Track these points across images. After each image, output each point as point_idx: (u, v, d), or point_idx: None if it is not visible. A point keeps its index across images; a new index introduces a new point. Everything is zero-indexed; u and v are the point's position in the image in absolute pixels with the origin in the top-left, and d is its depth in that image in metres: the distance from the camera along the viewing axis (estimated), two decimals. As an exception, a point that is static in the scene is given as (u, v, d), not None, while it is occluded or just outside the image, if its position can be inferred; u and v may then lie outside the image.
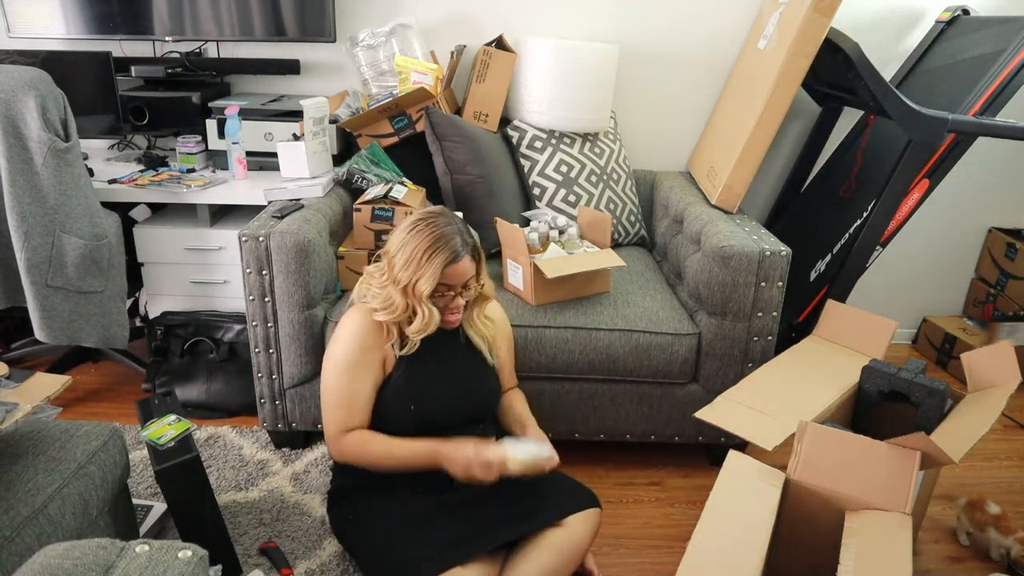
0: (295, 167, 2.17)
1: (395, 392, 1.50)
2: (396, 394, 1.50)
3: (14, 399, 1.27)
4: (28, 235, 1.82)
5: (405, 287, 1.43)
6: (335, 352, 1.49)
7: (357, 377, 1.47)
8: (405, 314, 1.46)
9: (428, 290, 1.42)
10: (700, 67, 2.56)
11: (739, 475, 1.34)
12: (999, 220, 2.81)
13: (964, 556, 1.77)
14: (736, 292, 1.83)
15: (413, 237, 1.43)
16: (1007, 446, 2.25)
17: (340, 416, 1.48)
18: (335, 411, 1.48)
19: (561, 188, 2.31)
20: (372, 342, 1.48)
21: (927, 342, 2.86)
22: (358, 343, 1.48)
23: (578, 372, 1.89)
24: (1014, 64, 2.00)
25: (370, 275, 1.52)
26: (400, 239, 1.45)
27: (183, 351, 2.21)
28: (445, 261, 1.41)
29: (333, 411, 1.49)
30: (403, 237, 1.44)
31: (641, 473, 2.04)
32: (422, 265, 1.41)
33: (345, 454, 1.49)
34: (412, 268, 1.42)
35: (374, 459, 1.48)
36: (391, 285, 1.45)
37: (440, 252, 1.41)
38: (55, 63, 2.22)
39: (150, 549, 0.83)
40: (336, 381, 1.48)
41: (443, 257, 1.41)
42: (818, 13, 1.92)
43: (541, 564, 1.40)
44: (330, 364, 1.50)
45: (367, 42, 2.34)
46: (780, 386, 1.64)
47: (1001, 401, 1.45)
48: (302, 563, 1.61)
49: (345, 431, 1.48)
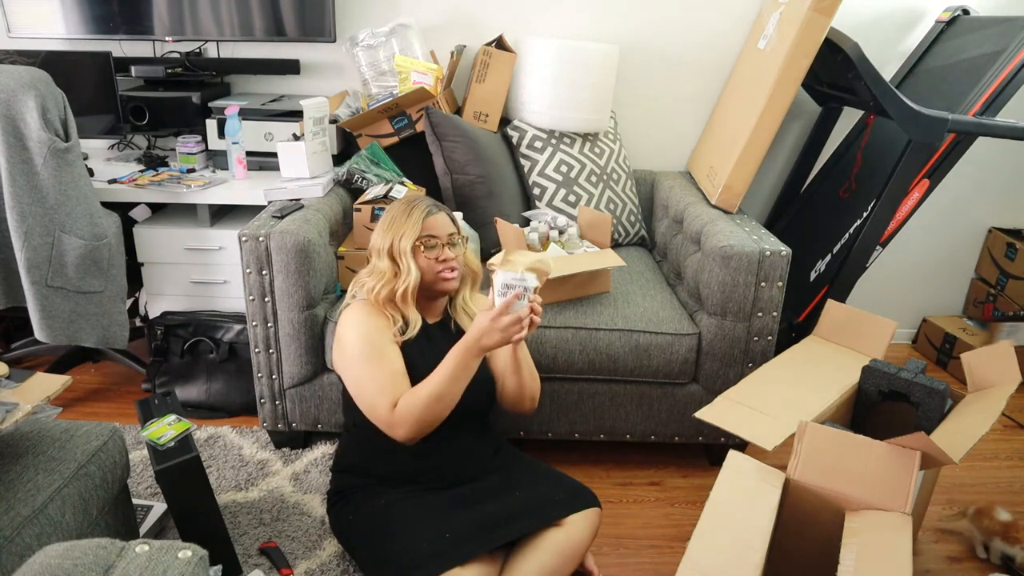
0: (295, 167, 2.16)
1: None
2: None
3: (14, 399, 1.27)
4: (28, 235, 1.82)
5: (389, 250, 1.51)
6: (351, 347, 1.48)
7: (384, 355, 1.46)
8: (396, 278, 1.51)
9: (410, 242, 1.49)
10: (700, 67, 2.56)
11: (739, 475, 1.34)
12: (999, 220, 2.81)
13: (964, 556, 1.77)
14: (736, 292, 1.83)
15: (387, 213, 1.55)
16: (1007, 446, 2.25)
17: (385, 399, 1.43)
18: (378, 398, 1.43)
19: (561, 188, 2.31)
20: (381, 324, 1.50)
21: (927, 342, 2.86)
22: (370, 328, 1.49)
23: (578, 372, 1.89)
24: (1014, 64, 2.00)
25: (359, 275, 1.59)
26: (378, 225, 1.56)
27: (183, 351, 2.21)
28: (423, 214, 1.51)
29: (376, 399, 1.44)
30: (379, 223, 1.56)
31: (641, 473, 2.04)
32: (401, 224, 1.51)
33: (405, 421, 1.41)
34: (392, 230, 1.51)
35: (427, 403, 1.41)
36: (375, 259, 1.53)
37: (416, 208, 1.52)
38: (55, 63, 2.22)
39: (150, 549, 0.83)
40: (366, 371, 1.46)
41: (420, 210, 1.52)
42: (818, 13, 1.92)
43: (541, 564, 1.40)
44: (352, 360, 1.48)
45: (367, 42, 2.34)
46: (780, 386, 1.64)
47: (1001, 401, 1.45)
48: (302, 563, 1.61)
49: (394, 407, 1.43)
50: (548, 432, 1.98)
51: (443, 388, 1.41)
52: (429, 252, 1.50)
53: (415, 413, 1.41)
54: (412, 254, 1.50)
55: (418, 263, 1.51)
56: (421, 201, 1.54)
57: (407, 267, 1.50)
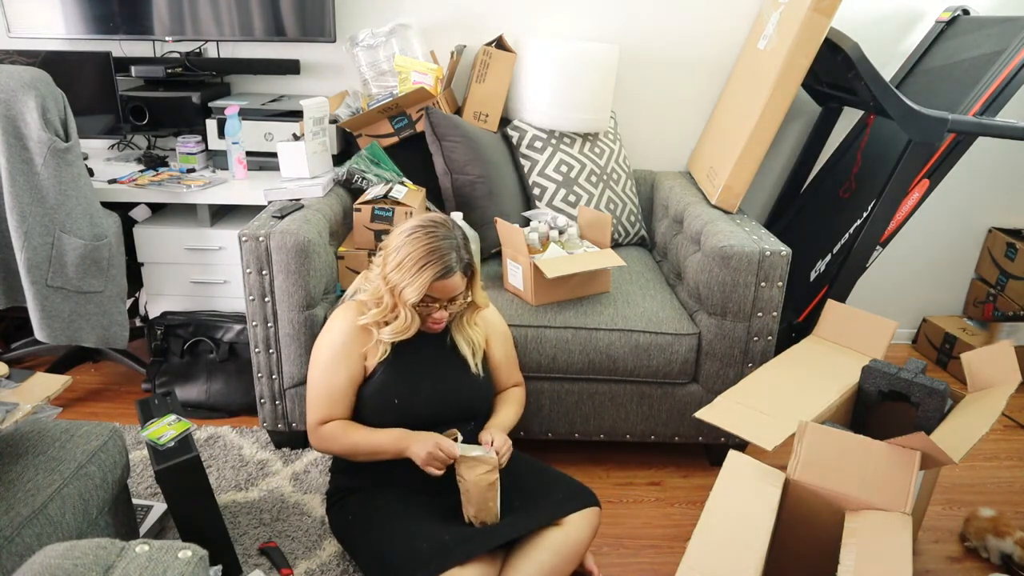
0: (295, 167, 2.17)
1: (379, 387, 1.53)
2: (380, 388, 1.53)
3: (14, 399, 1.27)
4: (28, 235, 1.82)
5: (393, 288, 1.47)
6: (319, 346, 1.58)
7: (335, 371, 1.53)
8: (392, 313, 1.50)
9: (413, 300, 1.45)
10: (700, 67, 2.56)
11: (739, 475, 1.34)
12: (999, 220, 2.81)
13: (964, 556, 1.77)
14: (736, 292, 1.83)
15: (409, 243, 1.45)
16: (1007, 446, 2.25)
17: (320, 407, 1.54)
18: (315, 402, 1.55)
19: (561, 188, 2.31)
20: (355, 340, 1.53)
21: (927, 342, 2.86)
22: (341, 340, 1.54)
23: (578, 372, 1.89)
24: (1014, 64, 2.00)
25: (370, 267, 1.57)
26: (398, 241, 1.47)
27: (183, 351, 2.21)
28: (435, 275, 1.43)
29: (313, 402, 1.56)
30: (401, 240, 1.46)
31: (641, 473, 2.04)
32: (412, 274, 1.43)
33: (323, 442, 1.55)
34: (402, 274, 1.44)
35: (348, 447, 1.53)
36: (382, 281, 1.49)
37: (431, 266, 1.43)
38: (55, 63, 2.22)
39: (150, 549, 0.84)
40: (317, 374, 1.56)
41: (433, 271, 1.43)
42: (818, 13, 1.92)
43: (541, 564, 1.40)
44: (314, 357, 1.58)
45: (367, 42, 2.34)
46: (780, 386, 1.64)
47: (1001, 401, 1.45)
48: (302, 563, 1.61)
49: (323, 422, 1.54)
50: (548, 432, 1.98)
51: (367, 446, 1.51)
52: (423, 308, 1.50)
53: (334, 442, 1.53)
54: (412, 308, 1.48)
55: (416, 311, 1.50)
56: (441, 256, 1.43)
57: (405, 316, 1.48)
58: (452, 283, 1.46)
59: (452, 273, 1.45)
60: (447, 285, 1.46)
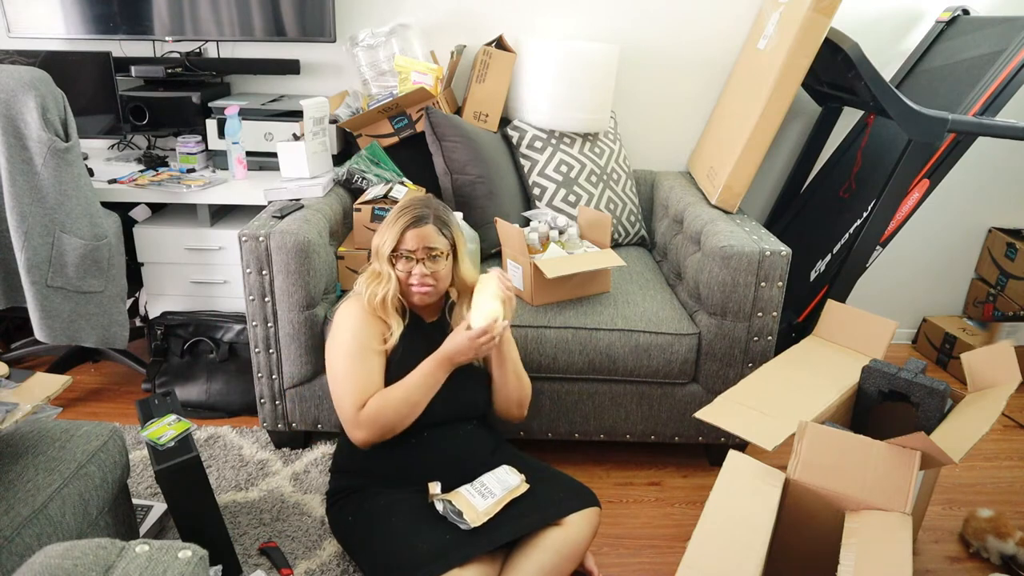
0: (295, 167, 2.17)
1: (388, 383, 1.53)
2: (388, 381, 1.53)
3: (14, 399, 1.27)
4: (28, 235, 1.82)
5: (377, 251, 1.54)
6: (336, 338, 1.55)
7: (367, 356, 1.52)
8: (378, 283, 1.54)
9: (387, 250, 1.52)
10: (700, 67, 2.56)
11: (739, 475, 1.34)
12: (999, 220, 2.81)
13: (964, 556, 1.77)
14: (736, 292, 1.83)
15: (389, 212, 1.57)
16: (1007, 446, 2.25)
17: (353, 393, 1.49)
18: (351, 395, 1.49)
19: (561, 188, 2.31)
20: (369, 322, 1.55)
21: (927, 342, 2.86)
22: (360, 325, 1.54)
23: (578, 372, 1.90)
24: (1014, 64, 2.00)
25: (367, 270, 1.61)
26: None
27: (183, 351, 2.21)
28: (407, 223, 1.52)
29: (349, 395, 1.49)
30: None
31: (641, 473, 2.04)
32: (388, 228, 1.53)
33: (373, 423, 1.47)
34: (381, 232, 1.54)
35: (395, 407, 1.48)
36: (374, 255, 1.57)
37: (403, 215, 1.53)
38: (55, 63, 2.22)
39: (150, 549, 0.84)
40: (343, 362, 1.52)
41: (405, 219, 1.52)
42: (818, 13, 1.92)
43: (541, 564, 1.40)
44: (337, 352, 1.54)
45: (367, 42, 2.34)
46: (780, 386, 1.64)
47: (1001, 401, 1.45)
48: (302, 563, 1.61)
49: (360, 407, 1.48)
50: (548, 432, 1.98)
51: (412, 394, 1.49)
52: (401, 265, 1.53)
53: (383, 414, 1.47)
54: (389, 263, 1.54)
55: (396, 271, 1.55)
56: (413, 208, 1.54)
57: (387, 273, 1.53)
58: (424, 232, 1.52)
59: (424, 222, 1.53)
60: (419, 234, 1.52)
